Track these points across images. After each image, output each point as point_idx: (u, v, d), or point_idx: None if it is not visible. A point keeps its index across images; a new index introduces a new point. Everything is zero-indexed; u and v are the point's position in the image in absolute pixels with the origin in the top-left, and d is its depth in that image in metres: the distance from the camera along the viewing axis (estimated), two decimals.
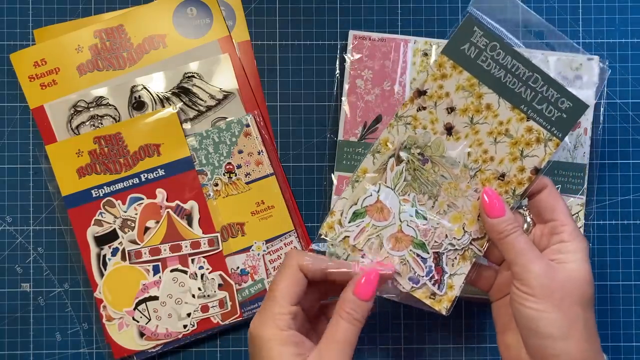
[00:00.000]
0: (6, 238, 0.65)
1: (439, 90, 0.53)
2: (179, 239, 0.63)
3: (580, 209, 0.63)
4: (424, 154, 0.52)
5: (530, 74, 0.52)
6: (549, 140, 0.52)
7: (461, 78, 0.52)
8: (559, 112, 0.52)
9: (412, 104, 0.53)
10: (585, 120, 0.63)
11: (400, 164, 0.52)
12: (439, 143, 0.52)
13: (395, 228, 0.53)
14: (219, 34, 0.65)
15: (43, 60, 0.64)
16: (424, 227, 0.52)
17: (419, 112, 0.53)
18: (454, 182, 0.52)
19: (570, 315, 0.48)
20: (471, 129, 0.52)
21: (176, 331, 0.63)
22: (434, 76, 0.52)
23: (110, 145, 0.63)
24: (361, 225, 0.53)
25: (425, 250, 0.53)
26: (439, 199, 0.52)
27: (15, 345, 0.64)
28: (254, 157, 0.64)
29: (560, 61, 0.64)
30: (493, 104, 0.52)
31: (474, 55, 0.52)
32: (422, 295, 0.52)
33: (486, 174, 0.52)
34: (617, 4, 0.66)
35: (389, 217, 0.53)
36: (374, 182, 0.53)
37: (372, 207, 0.53)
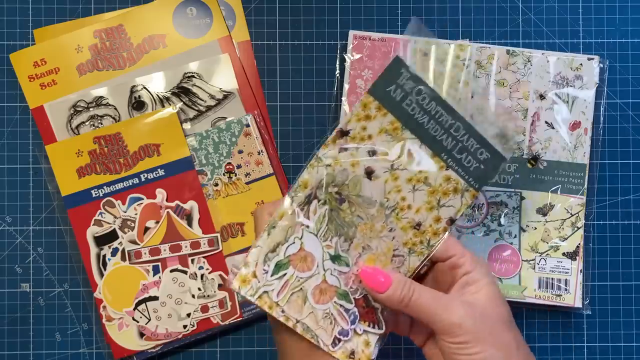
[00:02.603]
0: (6, 238, 0.65)
1: (362, 132, 0.51)
2: (179, 239, 0.63)
3: (580, 209, 0.63)
4: (341, 193, 0.50)
5: (453, 121, 0.50)
6: (465, 191, 0.51)
7: (385, 121, 0.50)
8: (477, 162, 0.51)
9: (334, 144, 0.51)
10: (585, 120, 0.63)
11: (323, 207, 0.50)
12: (356, 181, 0.51)
13: (319, 278, 0.50)
14: (219, 34, 0.65)
15: (43, 60, 0.64)
16: (345, 274, 0.50)
17: (341, 154, 0.51)
18: (369, 223, 0.51)
19: (504, 342, 0.48)
20: (391, 174, 0.51)
21: (176, 331, 0.63)
22: (358, 116, 0.50)
23: (110, 145, 0.63)
24: (284, 278, 0.49)
25: (349, 301, 0.50)
26: (355, 241, 0.50)
27: (15, 345, 0.64)
28: (254, 157, 0.64)
29: (560, 61, 0.64)
30: (414, 151, 0.51)
31: (400, 98, 0.50)
32: (342, 356, 0.50)
33: (402, 222, 0.51)
34: (617, 4, 0.66)
35: (313, 267, 0.50)
36: (292, 225, 0.50)
37: (295, 257, 0.49)
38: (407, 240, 0.51)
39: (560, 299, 0.63)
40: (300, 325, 0.49)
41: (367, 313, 0.50)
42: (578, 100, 0.63)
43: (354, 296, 0.50)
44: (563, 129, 0.63)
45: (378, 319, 0.50)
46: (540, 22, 0.66)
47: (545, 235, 0.63)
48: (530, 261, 0.63)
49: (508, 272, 0.63)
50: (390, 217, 0.51)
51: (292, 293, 0.49)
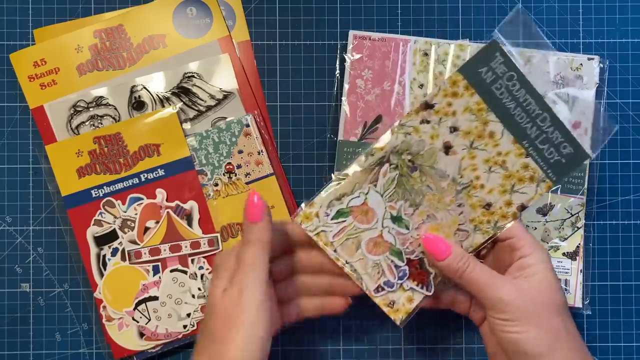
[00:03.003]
0: (6, 238, 0.65)
1: (446, 107, 0.52)
2: (179, 239, 0.63)
3: (581, 209, 0.63)
4: (415, 162, 0.52)
5: (540, 112, 0.51)
6: (542, 181, 0.52)
7: (471, 100, 0.52)
8: (559, 155, 0.51)
9: (417, 115, 0.52)
10: (586, 120, 0.63)
11: (393, 171, 0.52)
12: (432, 153, 0.52)
13: (376, 232, 0.53)
14: (219, 34, 0.65)
15: (43, 60, 0.64)
16: (403, 235, 0.53)
17: (422, 125, 0.52)
18: (438, 195, 0.52)
19: (551, 327, 0.49)
20: (469, 152, 0.52)
21: (176, 331, 0.63)
22: (445, 92, 0.52)
23: (110, 145, 0.63)
24: (342, 224, 0.53)
25: (401, 259, 0.53)
26: (420, 208, 0.52)
27: (15, 346, 0.64)
28: (254, 157, 0.64)
29: (560, 61, 0.64)
30: (496, 133, 0.52)
31: (490, 80, 0.51)
32: (381, 302, 0.53)
33: (473, 200, 0.52)
34: (617, 4, 0.66)
35: (372, 221, 0.53)
36: (360, 181, 0.52)
37: (357, 209, 0.53)
38: (475, 217, 0.52)
39: None
40: (348, 267, 0.53)
41: (419, 274, 0.53)
42: (578, 100, 0.63)
43: (409, 257, 0.52)
44: None
45: (428, 282, 0.53)
46: (540, 22, 0.66)
47: (545, 235, 0.63)
48: None
49: None
50: (461, 194, 0.52)
51: (348, 238, 0.52)
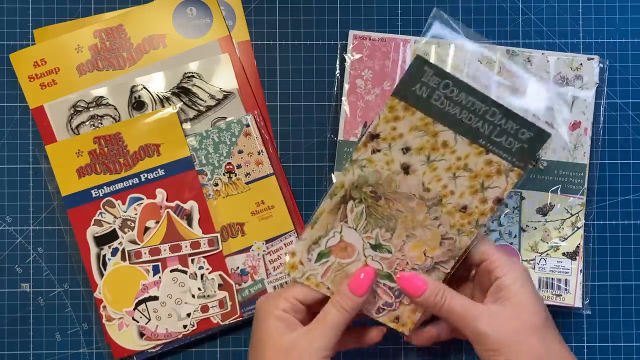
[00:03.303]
0: (6, 238, 0.65)
1: (392, 132, 0.52)
2: (179, 239, 0.63)
3: (580, 209, 0.63)
4: (377, 192, 0.52)
5: (487, 108, 0.51)
6: (510, 171, 0.52)
7: (414, 118, 0.51)
8: (519, 142, 0.51)
9: (366, 147, 0.52)
10: (586, 120, 0.63)
11: (359, 205, 0.52)
12: (390, 180, 0.52)
13: (360, 263, 0.54)
14: (219, 34, 0.65)
15: (43, 60, 0.64)
16: (388, 259, 0.53)
17: (374, 155, 0.52)
18: (410, 215, 0.53)
19: (531, 352, 0.49)
20: (428, 167, 0.52)
21: (176, 331, 0.63)
22: (387, 119, 0.51)
23: (110, 145, 0.63)
24: (327, 264, 0.54)
25: (392, 280, 0.54)
26: (397, 231, 0.53)
27: (15, 345, 0.64)
28: (254, 157, 0.64)
29: (560, 61, 0.64)
30: (449, 141, 0.51)
31: (426, 95, 0.51)
32: (386, 320, 0.55)
33: (447, 207, 0.52)
34: (617, 4, 0.66)
35: (354, 255, 0.54)
36: (331, 222, 0.53)
37: (335, 247, 0.54)
38: (455, 222, 0.52)
39: (560, 299, 0.63)
40: None
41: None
42: (578, 100, 0.63)
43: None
44: (563, 129, 0.63)
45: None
46: (540, 22, 0.66)
47: (545, 235, 0.63)
48: (530, 261, 0.63)
49: None
50: (434, 207, 0.52)
51: (335, 275, 0.53)
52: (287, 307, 0.52)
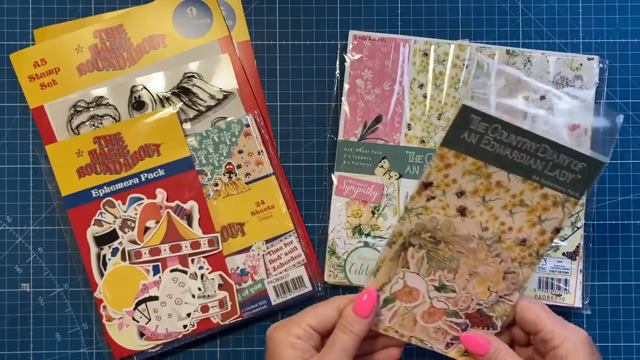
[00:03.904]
0: (6, 238, 0.65)
1: (445, 179, 0.53)
2: (179, 239, 0.63)
3: (580, 209, 0.63)
4: (436, 237, 0.53)
5: (538, 145, 0.51)
6: (566, 202, 0.52)
7: (466, 164, 0.52)
8: (572, 174, 0.51)
9: (420, 195, 0.53)
10: (585, 121, 0.63)
11: (419, 251, 0.54)
12: (448, 224, 0.53)
13: (426, 305, 0.54)
14: (219, 34, 0.65)
15: (43, 60, 0.64)
16: (453, 298, 0.54)
17: (429, 202, 0.53)
18: (471, 255, 0.53)
19: None
20: (484, 207, 0.53)
21: (176, 331, 0.63)
22: (438, 167, 0.52)
23: (110, 145, 0.63)
24: (393, 309, 0.55)
25: (459, 317, 0.54)
26: (459, 272, 0.54)
27: (15, 345, 0.64)
28: (254, 157, 0.64)
29: (560, 61, 0.64)
30: (503, 181, 0.52)
31: (476, 140, 0.51)
32: (455, 354, 0.55)
33: (507, 243, 0.53)
34: (617, 4, 0.66)
35: (419, 298, 0.54)
36: (392, 269, 0.54)
37: (400, 292, 0.54)
38: (516, 256, 0.53)
39: (560, 299, 0.63)
40: (414, 339, 0.55)
41: (482, 321, 0.54)
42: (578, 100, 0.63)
43: (467, 312, 0.54)
44: (563, 130, 0.63)
45: (493, 323, 0.54)
46: (540, 22, 0.66)
47: None
48: None
49: None
50: (493, 245, 0.53)
51: (402, 318, 0.55)
52: (300, 334, 0.52)
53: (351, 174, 0.64)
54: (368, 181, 0.64)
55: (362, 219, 0.64)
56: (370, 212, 0.64)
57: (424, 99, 0.64)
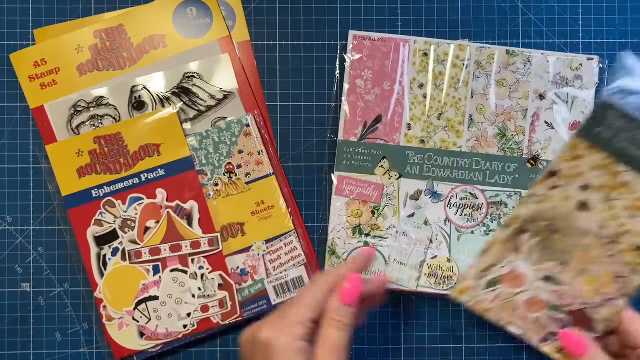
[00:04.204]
0: (6, 238, 0.65)
1: (571, 170, 0.54)
2: (179, 239, 0.63)
3: None
4: (552, 226, 0.54)
5: None
6: None
7: (596, 158, 0.53)
8: None
9: (544, 183, 0.54)
10: None
11: (534, 238, 0.54)
12: (567, 215, 0.54)
13: (529, 294, 0.55)
14: (219, 34, 0.65)
15: (43, 60, 0.64)
16: (558, 292, 0.54)
17: (551, 191, 0.54)
18: (584, 251, 0.54)
19: None
20: (607, 204, 0.53)
21: (176, 331, 0.63)
22: (566, 157, 0.53)
23: (111, 145, 0.63)
24: (496, 292, 0.55)
25: (560, 312, 0.54)
26: (570, 266, 0.54)
27: (15, 345, 0.65)
28: (254, 157, 0.64)
29: (560, 61, 0.64)
30: (630, 182, 0.52)
31: (610, 136, 0.52)
32: (550, 350, 0.55)
33: (623, 246, 0.53)
34: (617, 4, 0.66)
35: (524, 285, 0.55)
36: (503, 252, 0.55)
37: (506, 276, 0.55)
38: (630, 261, 0.53)
39: None
40: (511, 326, 0.55)
41: (583, 321, 0.54)
42: (578, 100, 0.63)
43: (569, 309, 0.54)
44: (563, 129, 0.64)
45: (594, 327, 0.54)
46: (540, 22, 0.66)
47: None
48: None
49: None
50: (608, 245, 0.53)
51: (504, 302, 0.55)
52: (304, 334, 0.48)
53: (351, 174, 0.64)
54: (368, 181, 0.64)
55: (362, 219, 0.64)
56: (370, 212, 0.64)
57: (424, 99, 0.64)
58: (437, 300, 0.65)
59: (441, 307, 0.65)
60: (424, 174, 0.64)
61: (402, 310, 0.65)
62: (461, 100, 0.64)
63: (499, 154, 0.64)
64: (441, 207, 0.64)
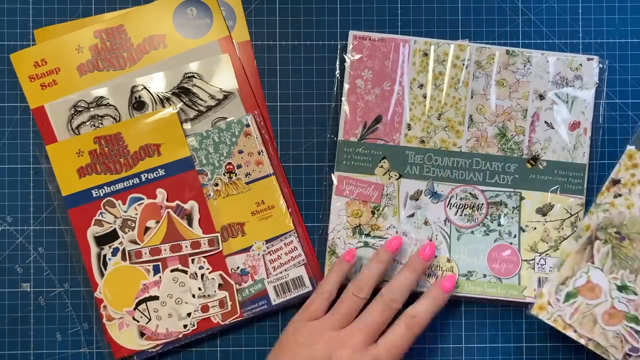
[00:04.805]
0: (6, 238, 0.65)
1: (631, 178, 0.56)
2: (179, 239, 0.63)
3: (580, 209, 0.63)
4: (621, 232, 0.55)
5: None
6: None
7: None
8: None
9: (608, 192, 0.56)
10: (585, 121, 0.64)
11: (605, 246, 0.55)
12: (635, 220, 0.55)
13: (607, 305, 0.55)
14: (219, 34, 0.65)
15: (43, 60, 0.64)
16: (634, 301, 0.55)
17: (616, 199, 0.56)
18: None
19: None
20: None
21: (176, 331, 0.63)
22: (626, 166, 0.56)
23: (111, 145, 0.63)
24: (574, 305, 0.56)
25: (639, 323, 0.55)
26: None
27: (16, 345, 0.65)
28: (254, 157, 0.64)
29: (560, 61, 0.64)
30: None
31: None
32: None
33: None
34: (617, 4, 0.66)
35: (601, 295, 0.55)
36: (577, 262, 0.56)
37: (583, 288, 0.56)
38: None
39: None
40: (591, 343, 0.56)
41: None
42: (578, 100, 0.63)
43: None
44: (563, 129, 0.64)
45: None
46: (540, 23, 0.66)
47: (545, 235, 0.63)
48: (530, 261, 0.63)
49: (508, 272, 0.63)
50: None
51: (583, 316, 0.55)
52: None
53: (351, 174, 0.64)
54: (368, 181, 0.64)
55: (362, 219, 0.64)
56: (370, 212, 0.64)
57: (424, 99, 0.64)
58: None
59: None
60: (424, 174, 0.64)
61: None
62: (461, 100, 0.64)
63: (499, 154, 0.64)
64: (441, 207, 0.64)
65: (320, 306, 0.59)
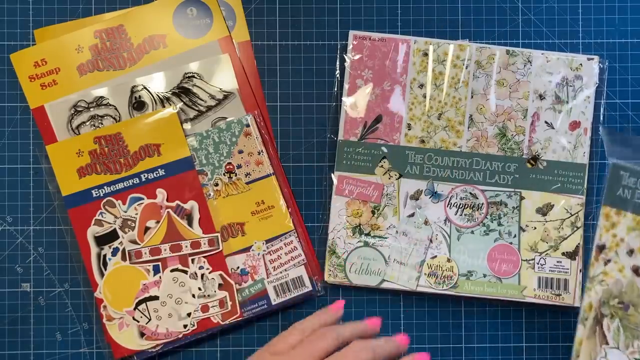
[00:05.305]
0: (6, 238, 0.65)
1: (613, 238, 0.55)
2: (179, 239, 0.63)
3: (580, 209, 0.63)
4: (624, 301, 0.54)
5: None
6: None
7: (627, 220, 0.54)
8: None
9: (598, 261, 0.55)
10: (585, 120, 0.64)
11: (613, 321, 0.54)
12: (632, 285, 0.54)
13: None
14: (219, 34, 0.65)
15: (43, 60, 0.64)
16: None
17: (606, 266, 0.55)
18: None
19: None
20: None
21: (176, 331, 0.63)
22: (606, 228, 0.55)
23: (111, 145, 0.63)
24: None
25: None
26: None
27: (16, 345, 0.65)
28: (254, 157, 0.64)
29: (560, 61, 0.64)
30: None
31: (630, 195, 0.54)
32: None
33: None
34: (617, 4, 0.66)
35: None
36: (592, 348, 0.55)
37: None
38: None
39: (559, 299, 0.63)
40: None
41: None
42: (578, 100, 0.64)
43: None
44: (563, 129, 0.64)
45: None
46: (540, 23, 0.66)
47: (545, 235, 0.63)
48: (530, 261, 0.63)
49: (507, 271, 0.63)
50: None
51: None
52: None
53: (351, 174, 0.64)
54: (368, 181, 0.64)
55: (362, 218, 0.64)
56: (370, 211, 0.64)
57: (424, 99, 0.64)
58: (437, 300, 0.65)
59: (441, 307, 0.65)
60: (424, 173, 0.64)
61: (402, 310, 0.65)
62: (461, 100, 0.64)
63: (499, 154, 0.64)
64: (441, 206, 0.64)
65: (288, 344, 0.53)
